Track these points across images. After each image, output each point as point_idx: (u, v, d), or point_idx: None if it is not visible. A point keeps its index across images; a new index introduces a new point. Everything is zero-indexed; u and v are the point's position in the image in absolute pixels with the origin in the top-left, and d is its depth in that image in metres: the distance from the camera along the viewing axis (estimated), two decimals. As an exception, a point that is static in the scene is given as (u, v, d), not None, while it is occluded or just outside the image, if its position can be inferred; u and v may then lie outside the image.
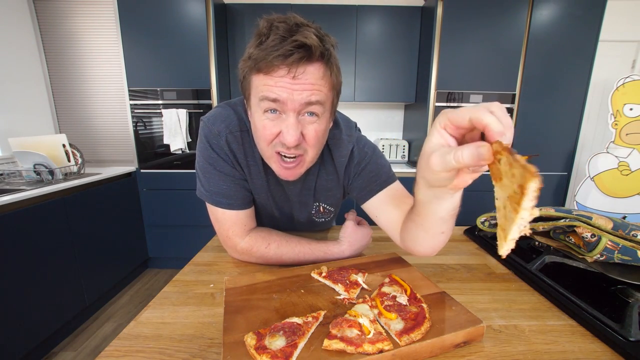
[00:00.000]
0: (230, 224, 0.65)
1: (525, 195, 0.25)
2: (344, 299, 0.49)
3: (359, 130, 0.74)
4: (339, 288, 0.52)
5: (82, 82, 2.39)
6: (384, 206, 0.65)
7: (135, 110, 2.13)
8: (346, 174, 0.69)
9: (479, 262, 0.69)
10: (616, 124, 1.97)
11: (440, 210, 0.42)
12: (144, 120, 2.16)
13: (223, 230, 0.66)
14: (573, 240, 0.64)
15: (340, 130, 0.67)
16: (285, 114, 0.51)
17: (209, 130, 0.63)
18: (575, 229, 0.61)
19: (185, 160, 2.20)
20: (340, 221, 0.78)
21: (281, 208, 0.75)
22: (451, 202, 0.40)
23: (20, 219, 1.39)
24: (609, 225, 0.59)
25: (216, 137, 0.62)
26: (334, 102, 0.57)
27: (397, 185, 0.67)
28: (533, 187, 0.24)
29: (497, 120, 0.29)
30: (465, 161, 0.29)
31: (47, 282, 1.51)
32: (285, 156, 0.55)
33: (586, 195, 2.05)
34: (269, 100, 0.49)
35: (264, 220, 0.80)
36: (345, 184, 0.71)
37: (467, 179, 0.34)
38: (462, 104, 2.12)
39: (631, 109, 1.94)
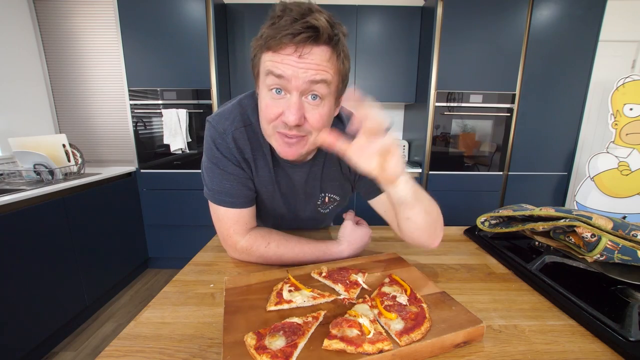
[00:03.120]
0: (232, 222, 0.66)
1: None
2: (344, 299, 0.49)
3: None
4: (339, 288, 0.52)
5: (82, 82, 2.39)
6: (389, 204, 0.66)
7: (135, 110, 2.13)
8: (351, 170, 0.70)
9: (479, 262, 0.69)
10: (616, 124, 1.97)
11: (390, 197, 0.55)
12: (144, 120, 2.16)
13: (224, 229, 0.66)
14: (573, 240, 0.64)
15: (343, 127, 0.67)
16: (289, 93, 0.52)
17: (215, 130, 0.63)
18: (575, 229, 0.61)
19: (185, 160, 2.20)
20: (339, 221, 0.78)
21: (287, 201, 0.75)
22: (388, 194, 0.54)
23: (20, 219, 1.39)
24: (609, 225, 0.59)
25: (222, 135, 0.63)
26: (340, 88, 0.57)
27: None
28: None
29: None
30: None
31: (47, 282, 1.51)
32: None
33: (586, 195, 2.05)
34: (274, 76, 0.50)
35: (269, 217, 0.80)
36: (351, 180, 0.73)
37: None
38: (462, 104, 2.12)
39: (631, 109, 1.94)
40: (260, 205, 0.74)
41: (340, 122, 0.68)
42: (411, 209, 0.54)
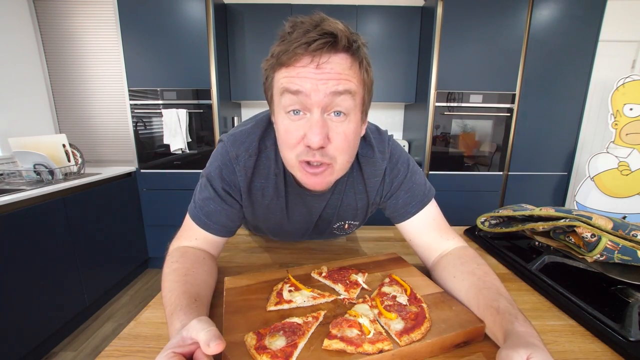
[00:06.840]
0: (186, 229, 0.61)
1: None
2: (344, 299, 0.49)
3: (391, 136, 0.66)
4: (339, 288, 0.52)
5: (82, 82, 2.39)
6: (418, 231, 0.62)
7: (135, 110, 2.13)
8: (377, 193, 0.64)
9: (479, 262, 0.69)
10: (616, 124, 1.97)
11: None
12: (144, 120, 2.16)
13: (180, 232, 0.62)
14: (573, 240, 0.64)
15: (371, 148, 0.60)
16: (309, 112, 0.46)
17: (227, 155, 0.57)
18: (575, 229, 0.61)
19: (185, 160, 2.20)
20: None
21: (299, 227, 0.69)
22: None
23: (20, 219, 1.39)
24: (609, 225, 0.59)
25: (232, 161, 0.57)
26: (365, 100, 0.50)
27: (432, 207, 0.62)
28: None
29: None
30: None
31: (47, 282, 1.51)
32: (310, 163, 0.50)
33: (586, 195, 2.04)
34: (290, 93, 0.45)
35: (279, 236, 0.76)
36: (376, 201, 0.65)
37: None
38: (462, 104, 2.12)
39: (631, 109, 1.94)
40: (268, 227, 0.69)
41: (367, 145, 0.60)
42: None
